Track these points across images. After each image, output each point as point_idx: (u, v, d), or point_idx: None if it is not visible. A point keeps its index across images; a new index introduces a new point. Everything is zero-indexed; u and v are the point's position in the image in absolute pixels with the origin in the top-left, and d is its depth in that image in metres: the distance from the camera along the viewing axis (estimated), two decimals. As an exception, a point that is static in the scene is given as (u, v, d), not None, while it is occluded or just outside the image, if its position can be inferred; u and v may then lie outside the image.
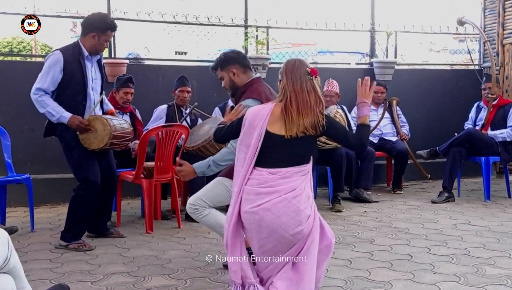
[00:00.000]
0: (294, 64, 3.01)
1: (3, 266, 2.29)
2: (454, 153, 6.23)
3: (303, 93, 2.93)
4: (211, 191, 3.47)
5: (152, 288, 3.33)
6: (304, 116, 2.89)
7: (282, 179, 2.86)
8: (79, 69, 4.23)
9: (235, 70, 3.63)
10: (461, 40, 9.33)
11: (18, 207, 5.77)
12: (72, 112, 4.20)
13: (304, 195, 2.86)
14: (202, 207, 3.42)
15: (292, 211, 2.79)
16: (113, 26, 4.30)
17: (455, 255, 3.98)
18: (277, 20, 7.45)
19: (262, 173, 2.89)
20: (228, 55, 3.71)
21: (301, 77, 2.96)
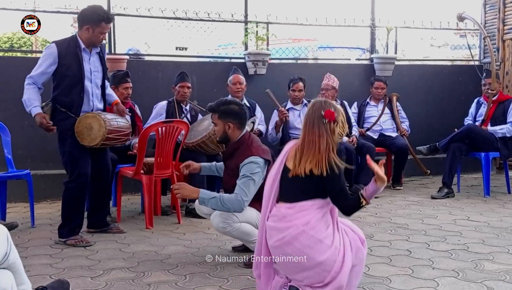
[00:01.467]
0: (314, 105, 3.04)
1: (2, 262, 2.30)
2: (454, 148, 6.23)
3: (313, 135, 2.96)
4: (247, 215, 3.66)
5: (151, 283, 3.34)
6: (309, 159, 2.93)
7: (298, 213, 2.93)
8: (76, 61, 4.24)
9: (232, 125, 3.69)
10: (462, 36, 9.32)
11: (19, 202, 5.79)
12: (70, 105, 4.25)
13: (321, 225, 2.91)
14: (234, 222, 3.62)
15: (312, 242, 2.86)
16: (106, 17, 4.29)
17: (454, 251, 3.99)
18: (277, 15, 7.45)
19: (280, 209, 2.99)
20: (231, 107, 3.72)
21: (314, 120, 2.99)
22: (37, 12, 6.79)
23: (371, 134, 6.82)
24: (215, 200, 3.53)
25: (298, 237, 2.87)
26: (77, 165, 4.26)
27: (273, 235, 2.97)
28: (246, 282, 3.35)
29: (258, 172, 3.58)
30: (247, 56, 6.99)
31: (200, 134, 5.35)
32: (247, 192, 3.55)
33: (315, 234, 2.87)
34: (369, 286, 3.24)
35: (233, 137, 3.73)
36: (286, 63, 8.13)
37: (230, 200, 3.54)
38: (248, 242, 3.74)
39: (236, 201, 3.53)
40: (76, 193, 4.29)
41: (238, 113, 3.73)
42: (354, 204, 2.98)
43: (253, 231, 3.63)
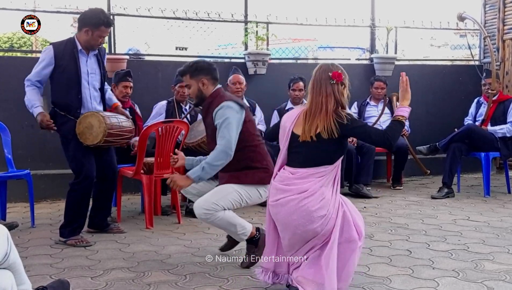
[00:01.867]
0: (320, 69, 3.10)
1: (2, 262, 2.30)
2: (454, 148, 6.23)
3: (320, 96, 3.02)
4: (225, 197, 3.53)
5: (152, 283, 3.34)
6: (318, 121, 2.99)
7: (298, 179, 3.02)
8: (73, 63, 4.24)
9: (205, 81, 3.67)
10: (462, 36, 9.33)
11: (19, 202, 5.79)
12: (69, 107, 4.25)
13: (317, 195, 2.96)
14: (217, 211, 3.48)
15: (302, 211, 2.94)
16: (106, 22, 4.27)
17: (454, 251, 3.99)
18: (277, 15, 7.45)
19: (285, 172, 3.09)
20: (201, 64, 3.72)
21: (321, 82, 3.05)
22: (37, 12, 6.79)
23: (371, 134, 6.81)
24: (206, 168, 3.46)
25: (291, 202, 2.96)
26: (83, 167, 4.26)
27: (273, 193, 3.09)
28: (246, 282, 3.35)
29: (233, 114, 3.52)
30: (247, 56, 6.99)
31: (200, 134, 5.34)
32: (229, 137, 3.48)
33: (307, 203, 2.94)
34: (369, 286, 3.24)
35: (207, 93, 3.68)
36: (286, 63, 8.13)
37: (216, 157, 3.48)
38: (234, 233, 3.62)
39: (221, 153, 3.47)
40: (81, 195, 4.29)
41: (208, 68, 3.71)
42: (392, 126, 3.13)
43: (239, 222, 3.56)
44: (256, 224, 4.88)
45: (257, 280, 3.35)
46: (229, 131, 3.50)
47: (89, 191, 4.34)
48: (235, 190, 3.56)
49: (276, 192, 3.05)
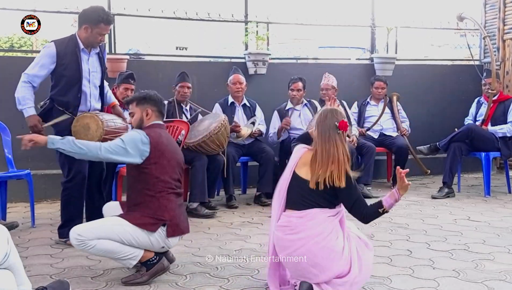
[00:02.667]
0: (326, 115, 3.10)
1: (2, 262, 2.30)
2: (454, 148, 6.23)
3: (329, 145, 3.03)
4: (104, 231, 3.27)
5: (152, 283, 3.33)
6: (329, 169, 2.99)
7: (309, 221, 2.98)
8: (74, 61, 4.23)
9: (149, 111, 3.54)
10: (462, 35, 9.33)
11: (19, 202, 5.78)
12: (67, 104, 4.24)
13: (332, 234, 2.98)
14: (89, 239, 3.23)
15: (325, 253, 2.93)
16: (106, 19, 4.23)
17: (455, 251, 3.99)
18: (278, 15, 7.45)
19: (291, 219, 3.02)
20: (151, 95, 3.60)
21: (329, 130, 3.05)
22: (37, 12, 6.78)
23: (372, 134, 6.82)
24: (67, 140, 3.36)
25: (312, 248, 2.93)
26: (73, 165, 4.24)
27: (286, 247, 3.00)
28: (246, 282, 3.35)
29: (131, 136, 3.39)
30: (247, 56, 6.99)
31: (200, 134, 5.35)
32: (110, 146, 3.36)
33: (327, 245, 2.93)
34: (369, 286, 3.24)
35: (147, 124, 3.53)
36: (286, 63, 8.13)
37: (88, 145, 3.38)
38: (121, 261, 3.35)
39: (95, 147, 3.37)
40: (74, 192, 4.28)
41: (156, 100, 3.59)
42: (373, 212, 3.08)
43: (117, 248, 3.27)
44: (256, 224, 4.91)
45: (257, 280, 3.36)
46: (115, 145, 3.38)
47: (81, 188, 4.31)
48: (119, 228, 3.29)
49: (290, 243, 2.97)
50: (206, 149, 5.38)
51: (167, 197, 3.42)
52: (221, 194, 6.11)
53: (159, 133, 3.51)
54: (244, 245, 4.23)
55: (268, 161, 5.86)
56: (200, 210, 5.25)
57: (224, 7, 7.48)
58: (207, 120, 5.62)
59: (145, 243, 3.34)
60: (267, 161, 5.86)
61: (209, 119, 5.60)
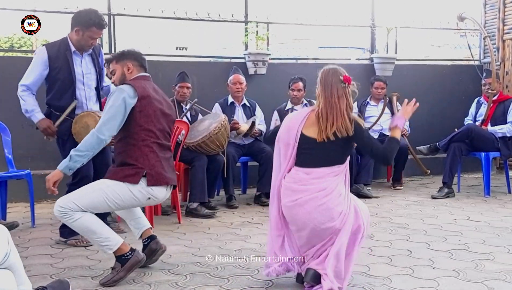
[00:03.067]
0: (328, 72, 3.23)
1: (2, 262, 2.30)
2: (454, 148, 6.23)
3: (333, 98, 3.15)
4: (86, 196, 3.29)
5: (152, 283, 3.34)
6: (334, 120, 3.12)
7: (315, 179, 3.11)
8: (66, 64, 4.22)
9: (130, 65, 3.53)
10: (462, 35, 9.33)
11: (19, 202, 5.79)
12: (63, 108, 4.23)
13: (335, 193, 3.09)
14: (73, 211, 3.23)
15: (323, 209, 3.05)
16: (98, 23, 4.18)
17: (455, 251, 3.99)
18: (278, 15, 7.46)
19: (298, 173, 3.16)
20: (128, 50, 3.61)
21: (332, 84, 3.18)
22: (37, 12, 6.79)
23: (372, 133, 6.79)
24: (73, 156, 3.27)
25: (310, 201, 3.06)
26: (80, 168, 4.25)
27: (288, 194, 3.14)
28: (246, 282, 3.35)
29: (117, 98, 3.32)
30: (247, 56, 6.99)
31: (200, 134, 5.36)
32: (102, 120, 3.32)
33: (327, 201, 3.06)
34: (369, 286, 3.24)
35: (130, 78, 3.51)
36: (286, 63, 8.13)
37: (84, 141, 3.30)
38: (96, 243, 3.35)
39: (91, 136, 3.30)
40: None
41: (135, 53, 3.60)
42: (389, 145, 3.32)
43: (98, 229, 3.28)
44: (256, 224, 4.91)
45: (257, 280, 3.36)
46: (104, 114, 3.32)
47: None
48: (100, 188, 3.30)
49: (292, 193, 3.12)
50: (206, 149, 5.38)
51: (150, 146, 3.39)
52: (221, 194, 6.11)
53: (144, 84, 3.50)
54: (244, 245, 4.23)
55: (268, 161, 5.85)
56: (200, 210, 5.26)
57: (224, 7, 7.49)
58: (207, 120, 5.62)
59: (129, 198, 3.33)
60: (267, 161, 5.85)
61: (209, 119, 5.60)
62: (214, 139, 5.32)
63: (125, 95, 3.33)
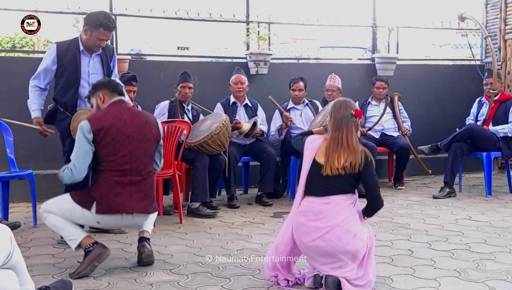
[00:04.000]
0: (341, 105, 3.25)
1: (5, 262, 2.31)
2: (456, 148, 6.23)
3: (340, 133, 3.17)
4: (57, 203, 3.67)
5: (154, 283, 3.35)
6: (343, 154, 3.15)
7: (335, 207, 3.13)
8: (73, 62, 4.28)
9: (101, 95, 3.67)
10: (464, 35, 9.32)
11: (21, 202, 5.80)
12: (66, 105, 4.32)
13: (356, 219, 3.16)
14: (47, 212, 3.63)
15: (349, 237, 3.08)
16: (106, 24, 4.22)
17: (456, 251, 3.99)
18: (279, 15, 7.45)
19: (314, 204, 3.16)
20: (98, 81, 3.82)
21: (343, 118, 3.20)
22: (39, 12, 6.80)
23: (373, 133, 6.82)
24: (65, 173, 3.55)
25: (337, 233, 3.06)
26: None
27: (311, 233, 3.10)
28: (248, 282, 3.35)
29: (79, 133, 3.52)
30: (248, 56, 7.00)
31: (202, 134, 5.36)
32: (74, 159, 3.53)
33: (351, 229, 3.08)
34: (370, 286, 3.25)
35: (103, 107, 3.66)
36: (287, 63, 8.13)
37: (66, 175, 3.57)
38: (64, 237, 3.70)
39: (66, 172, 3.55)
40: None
41: (103, 82, 3.76)
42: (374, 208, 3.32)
43: (61, 225, 3.58)
44: (257, 224, 4.92)
45: (259, 280, 3.36)
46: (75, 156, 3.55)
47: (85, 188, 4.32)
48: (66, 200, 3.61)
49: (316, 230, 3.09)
50: (208, 149, 5.39)
51: (105, 175, 3.55)
52: (222, 194, 6.12)
53: (105, 112, 3.60)
54: (246, 245, 4.24)
55: (269, 161, 5.87)
56: (202, 210, 5.26)
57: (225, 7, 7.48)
58: (208, 120, 5.63)
59: (80, 216, 3.57)
60: (269, 161, 5.87)
61: (210, 119, 5.61)
62: (215, 139, 5.32)
63: (84, 131, 3.51)
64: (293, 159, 6.09)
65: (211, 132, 5.30)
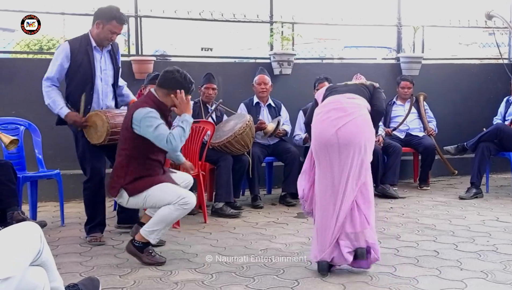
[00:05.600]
0: None
1: (36, 259, 2.35)
2: (483, 148, 6.14)
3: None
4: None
5: (179, 282, 3.38)
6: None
7: (349, 98, 3.68)
8: (87, 59, 4.28)
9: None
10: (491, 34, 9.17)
11: (49, 202, 5.89)
12: (77, 105, 4.28)
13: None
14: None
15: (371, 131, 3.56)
16: (119, 17, 4.26)
17: (483, 252, 3.94)
18: (303, 15, 7.44)
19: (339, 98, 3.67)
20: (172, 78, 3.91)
21: None
22: (66, 14, 6.92)
23: (398, 134, 6.76)
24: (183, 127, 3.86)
25: (358, 123, 3.46)
26: (91, 164, 4.32)
27: (333, 124, 3.43)
28: (272, 281, 3.36)
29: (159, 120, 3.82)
30: (272, 56, 7.00)
31: (225, 134, 5.39)
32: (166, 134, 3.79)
33: (368, 126, 3.52)
34: (395, 287, 3.23)
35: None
36: (311, 63, 8.11)
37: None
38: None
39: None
40: (94, 191, 4.36)
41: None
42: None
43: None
44: (281, 225, 4.93)
45: (283, 279, 3.37)
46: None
47: (101, 187, 4.39)
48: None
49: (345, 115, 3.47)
50: (231, 149, 5.41)
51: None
52: (246, 194, 6.13)
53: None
54: (270, 245, 4.24)
55: (293, 161, 5.86)
56: (226, 210, 5.29)
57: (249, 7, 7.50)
58: (232, 120, 5.65)
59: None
60: (292, 161, 5.86)
61: (234, 120, 5.63)
62: (239, 139, 5.34)
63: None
64: (317, 159, 6.07)
65: (235, 132, 5.32)
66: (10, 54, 7.88)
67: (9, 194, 4.34)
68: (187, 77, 3.89)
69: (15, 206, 4.40)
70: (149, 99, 3.87)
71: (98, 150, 4.36)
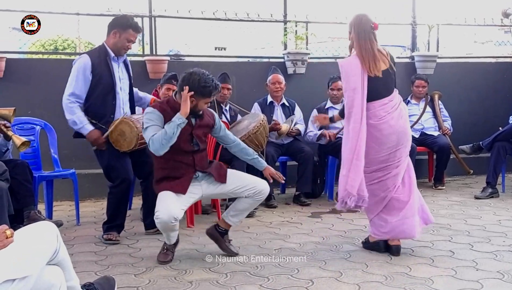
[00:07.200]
0: (362, 19, 3.83)
1: (52, 258, 2.38)
2: (499, 147, 6.09)
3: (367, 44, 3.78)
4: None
5: (193, 281, 3.39)
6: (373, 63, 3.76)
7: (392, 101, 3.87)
8: (107, 70, 4.33)
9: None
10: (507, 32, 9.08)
11: (64, 201, 5.94)
12: (103, 112, 4.32)
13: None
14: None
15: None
16: (135, 25, 4.34)
17: (499, 252, 3.90)
18: (317, 14, 7.42)
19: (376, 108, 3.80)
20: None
21: (366, 31, 3.80)
22: (81, 15, 6.97)
23: (413, 133, 6.66)
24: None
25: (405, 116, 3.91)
26: (119, 173, 4.35)
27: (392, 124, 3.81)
28: (286, 281, 3.36)
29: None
30: (286, 56, 7.00)
31: (239, 134, 5.38)
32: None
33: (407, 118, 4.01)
34: (410, 287, 3.21)
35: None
36: (325, 62, 8.09)
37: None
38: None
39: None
40: (119, 197, 4.42)
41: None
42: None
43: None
44: (295, 224, 4.92)
45: (297, 279, 3.37)
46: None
47: (126, 193, 4.45)
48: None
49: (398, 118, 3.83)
50: (246, 149, 5.40)
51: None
52: (260, 193, 6.12)
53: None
54: (284, 244, 4.24)
55: (307, 160, 5.85)
56: (240, 209, 5.28)
57: (263, 7, 7.50)
58: (246, 120, 5.65)
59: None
60: (307, 160, 5.85)
61: (248, 119, 5.63)
62: (253, 138, 5.34)
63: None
64: (331, 159, 6.06)
65: (249, 131, 5.32)
66: (26, 55, 7.96)
67: (25, 194, 4.37)
68: (202, 79, 3.69)
69: (31, 206, 4.45)
70: (164, 100, 3.90)
71: (125, 157, 4.40)
